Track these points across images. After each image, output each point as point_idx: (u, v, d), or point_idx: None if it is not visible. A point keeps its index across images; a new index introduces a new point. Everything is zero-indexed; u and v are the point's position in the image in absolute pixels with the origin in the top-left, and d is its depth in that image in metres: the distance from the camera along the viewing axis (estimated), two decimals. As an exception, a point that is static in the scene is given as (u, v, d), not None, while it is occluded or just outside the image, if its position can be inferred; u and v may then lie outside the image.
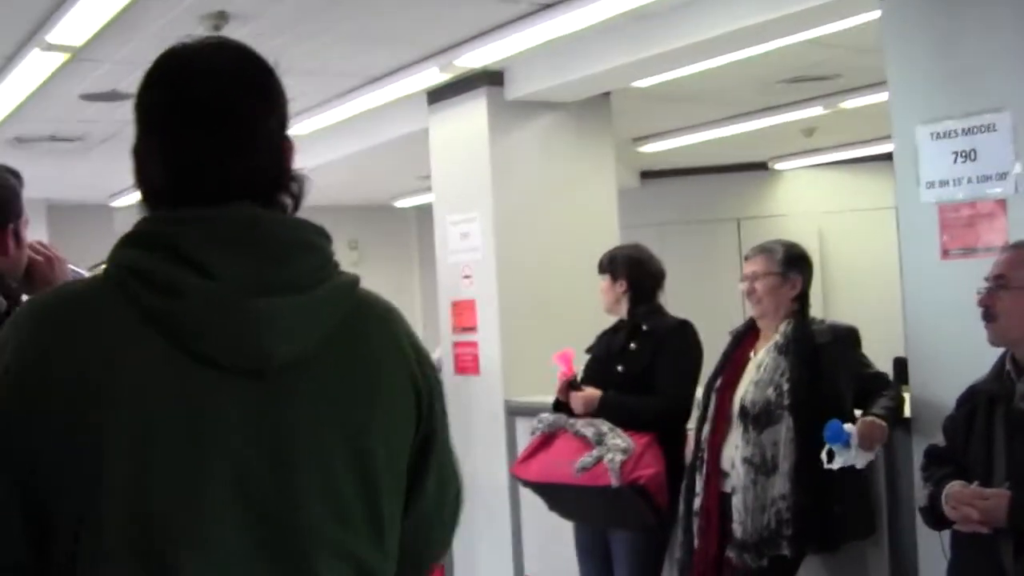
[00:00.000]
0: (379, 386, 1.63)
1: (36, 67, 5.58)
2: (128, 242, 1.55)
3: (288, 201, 1.64)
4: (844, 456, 3.98)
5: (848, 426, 3.97)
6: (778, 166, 11.22)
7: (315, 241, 1.60)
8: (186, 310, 1.47)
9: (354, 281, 1.64)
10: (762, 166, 11.23)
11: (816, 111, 8.15)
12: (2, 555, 1.47)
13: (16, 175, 2.64)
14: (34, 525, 1.46)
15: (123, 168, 6.39)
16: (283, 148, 1.65)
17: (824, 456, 3.98)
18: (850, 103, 7.75)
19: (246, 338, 1.49)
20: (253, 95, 1.62)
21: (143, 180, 1.62)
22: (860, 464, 4.02)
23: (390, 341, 1.68)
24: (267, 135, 1.62)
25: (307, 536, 1.51)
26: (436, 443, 1.73)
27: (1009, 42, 3.98)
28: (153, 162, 1.60)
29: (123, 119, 7.15)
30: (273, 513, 1.49)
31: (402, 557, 1.68)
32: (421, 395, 1.68)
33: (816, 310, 4.54)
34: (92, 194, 10.96)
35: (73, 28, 4.93)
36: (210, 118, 1.57)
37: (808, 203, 11.38)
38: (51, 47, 5.17)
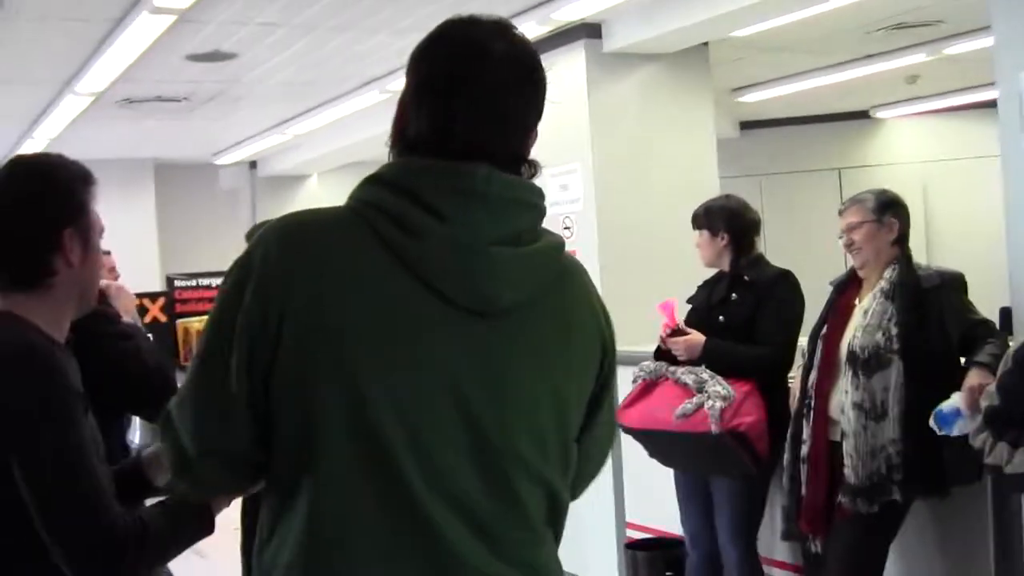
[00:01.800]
0: (575, 334, 1.81)
1: (144, 30, 5.72)
2: (374, 181, 1.72)
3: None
4: (960, 426, 3.94)
5: (952, 401, 3.92)
6: (880, 114, 11.09)
7: (535, 202, 1.77)
8: (426, 249, 1.65)
9: (561, 242, 1.81)
10: (863, 114, 11.11)
11: (919, 58, 8.05)
12: (223, 439, 1.69)
13: (83, 176, 2.30)
14: (261, 421, 1.67)
15: (226, 126, 6.60)
16: (529, 134, 1.81)
17: (934, 426, 3.95)
18: (954, 49, 7.66)
19: (477, 282, 1.66)
20: (524, 83, 1.78)
21: (401, 128, 1.77)
22: (973, 428, 3.99)
23: (584, 296, 1.87)
24: (521, 117, 1.78)
25: (513, 458, 1.70)
26: (607, 392, 1.92)
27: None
28: (418, 116, 1.74)
29: (226, 78, 7.32)
30: (486, 434, 1.68)
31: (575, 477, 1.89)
32: (606, 343, 1.88)
33: (921, 259, 4.52)
34: (197, 152, 11.18)
35: (179, -11, 5.04)
36: (480, 94, 1.72)
37: (911, 152, 11.25)
38: (158, 10, 5.30)
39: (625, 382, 5.19)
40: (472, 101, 1.72)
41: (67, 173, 2.29)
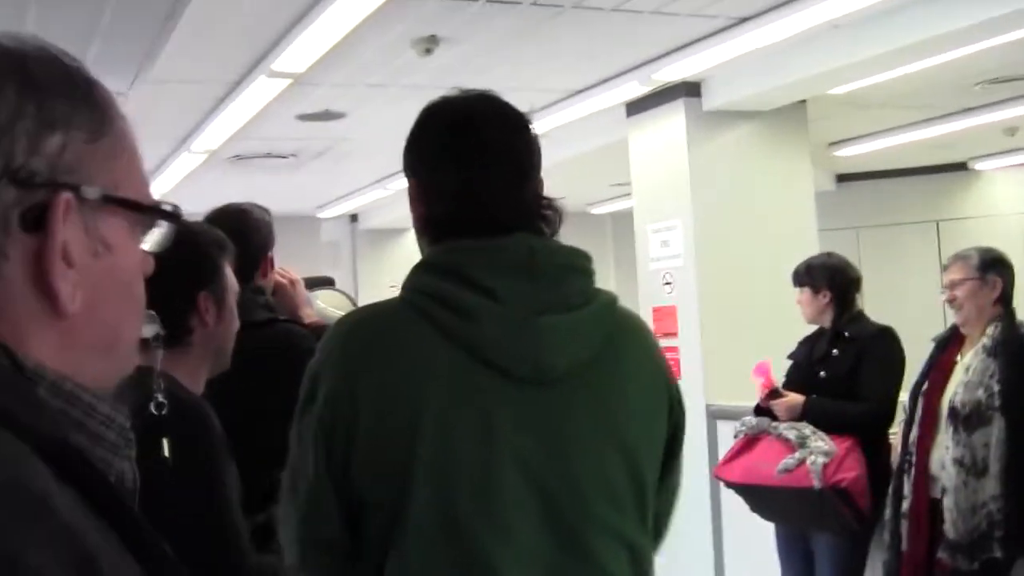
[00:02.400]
0: (639, 389, 1.88)
1: (260, 92, 5.93)
2: (423, 269, 1.83)
3: (547, 228, 1.89)
4: None
5: None
6: (978, 166, 11.00)
7: (582, 265, 1.87)
8: (480, 329, 1.74)
9: (614, 299, 1.89)
10: (961, 166, 11.02)
11: (1018, 111, 8.01)
12: (319, 528, 1.79)
13: (219, 241, 2.56)
14: (348, 509, 1.76)
15: (330, 182, 6.86)
16: (538, 185, 1.91)
17: None
18: (1053, 102, 7.62)
19: (531, 352, 1.74)
20: (521, 136, 1.88)
21: (423, 215, 1.88)
22: None
23: (644, 351, 1.95)
24: (532, 171, 1.89)
25: (587, 520, 1.76)
26: (681, 434, 1.99)
27: None
28: (437, 198, 1.86)
29: (334, 136, 7.55)
30: (556, 499, 1.74)
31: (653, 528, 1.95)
32: (672, 395, 1.95)
33: (1021, 312, 4.55)
34: (301, 205, 11.42)
35: (296, 56, 5.23)
36: (492, 157, 1.84)
37: (1011, 204, 11.14)
38: (275, 74, 5.51)
39: (726, 437, 5.27)
40: (488, 165, 1.83)
41: (205, 239, 2.49)
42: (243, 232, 3.22)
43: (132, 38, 5.15)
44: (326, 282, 4.33)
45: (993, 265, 4.47)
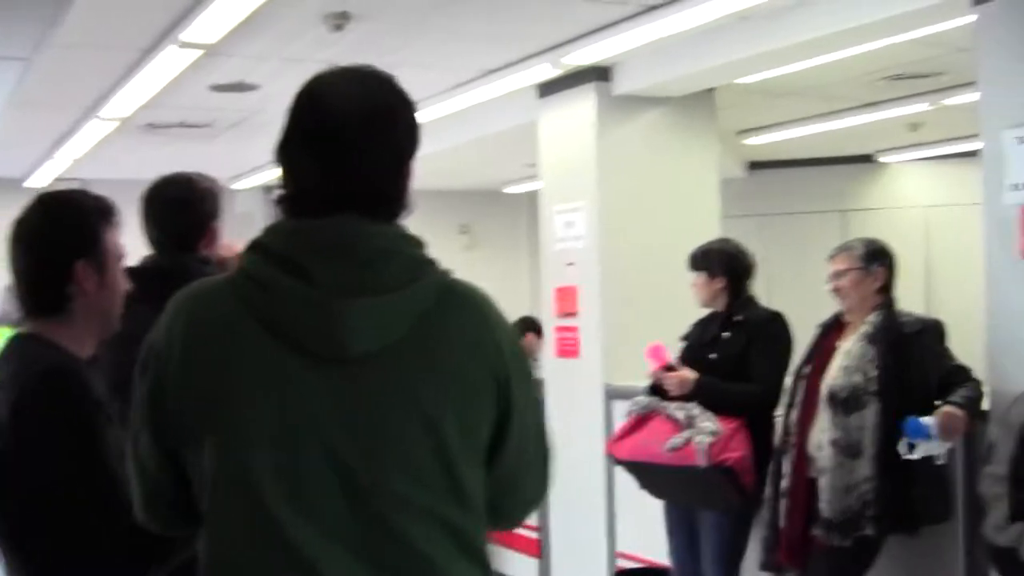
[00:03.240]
0: (454, 368, 1.87)
1: (171, 61, 5.92)
2: (249, 247, 1.88)
3: (390, 212, 1.91)
4: (925, 447, 4.17)
5: (927, 419, 4.16)
6: (884, 159, 11.25)
7: (405, 248, 1.88)
8: (287, 309, 1.80)
9: (442, 280, 1.90)
10: (868, 159, 11.26)
11: (921, 107, 8.21)
12: (155, 488, 1.92)
13: (100, 209, 2.57)
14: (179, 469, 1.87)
15: (244, 153, 6.85)
16: (398, 172, 1.93)
17: (903, 448, 4.18)
18: (953, 100, 7.79)
19: (335, 333, 1.79)
20: (374, 124, 1.89)
21: (279, 185, 1.94)
22: (940, 452, 4.22)
23: (468, 330, 1.91)
24: (377, 160, 1.89)
25: (390, 498, 1.80)
26: (514, 417, 1.94)
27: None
28: (288, 172, 1.92)
29: (249, 108, 7.53)
30: (358, 478, 1.79)
31: (492, 512, 1.97)
32: (499, 376, 1.91)
33: (920, 302, 4.74)
34: (216, 176, 11.33)
35: (207, 27, 5.24)
36: (325, 143, 1.87)
37: (914, 196, 11.39)
38: (185, 44, 5.51)
39: (620, 415, 5.39)
40: (325, 151, 1.86)
41: (81, 208, 2.54)
42: (188, 200, 3.31)
43: (35, 1, 5.13)
44: None
45: (876, 256, 4.62)
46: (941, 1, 4.81)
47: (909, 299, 4.79)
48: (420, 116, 1.97)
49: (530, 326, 8.25)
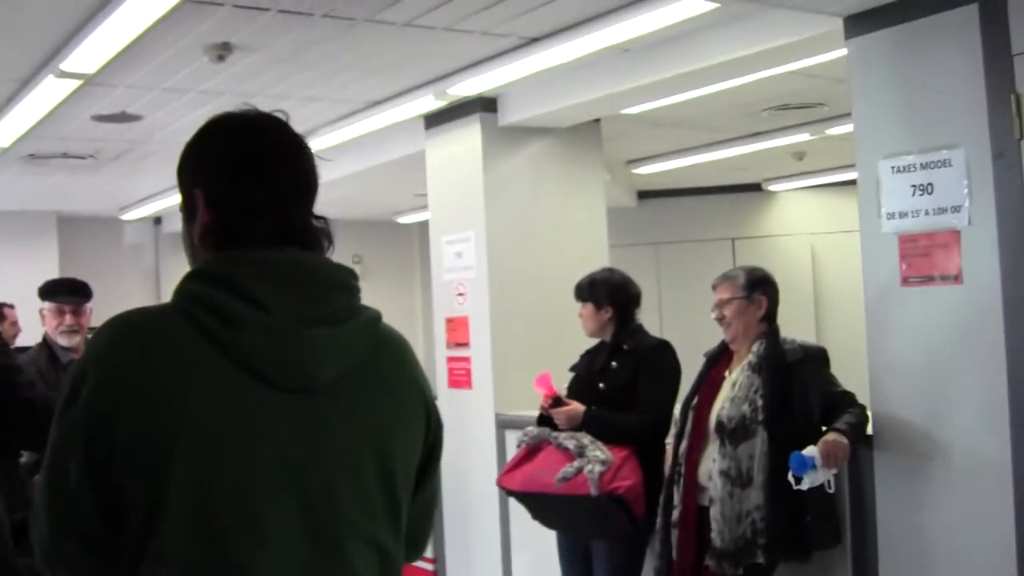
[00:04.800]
0: (397, 401, 1.96)
1: (50, 92, 5.81)
2: (195, 277, 1.86)
3: (318, 246, 1.95)
4: (812, 477, 4.21)
5: (810, 450, 4.20)
6: (771, 187, 11.44)
7: (347, 281, 1.93)
8: (247, 338, 1.79)
9: (378, 315, 1.96)
10: (756, 187, 11.45)
11: (803, 137, 8.37)
12: (76, 524, 1.80)
13: None
14: (108, 504, 1.78)
15: (131, 184, 6.70)
16: (312, 204, 1.97)
17: (791, 479, 4.22)
18: (835, 130, 7.95)
19: (295, 362, 1.81)
20: (303, 158, 1.96)
21: (205, 222, 1.91)
22: (825, 480, 4.26)
23: (404, 367, 2.01)
24: (310, 191, 1.96)
25: (342, 525, 1.84)
26: (439, 448, 2.07)
27: (964, 84, 4.21)
28: (222, 208, 1.90)
29: (132, 138, 7.43)
30: (315, 505, 1.81)
31: (410, 541, 2.02)
32: (429, 409, 2.03)
33: (808, 326, 4.80)
34: (102, 207, 11.20)
35: (86, 57, 5.15)
36: (277, 173, 1.91)
37: (801, 223, 11.61)
38: (64, 74, 5.41)
39: (511, 446, 5.38)
40: (272, 178, 1.90)
41: None
42: None
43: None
44: None
45: (759, 284, 4.67)
46: (815, 35, 4.90)
47: (799, 325, 4.85)
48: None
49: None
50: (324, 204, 2.01)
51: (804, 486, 4.20)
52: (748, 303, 4.62)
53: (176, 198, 2.01)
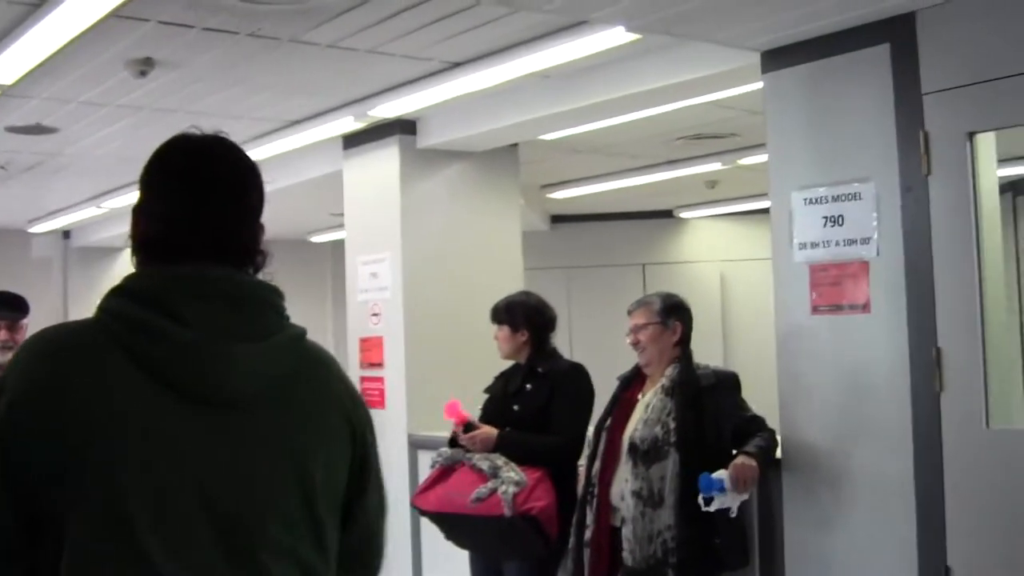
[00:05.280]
0: (318, 418, 1.95)
1: (-36, 103, 5.76)
2: (117, 292, 1.87)
3: (253, 266, 1.97)
4: (720, 499, 4.30)
5: (719, 473, 4.29)
6: (683, 214, 11.61)
7: (271, 299, 1.94)
8: (165, 352, 1.79)
9: (303, 332, 1.98)
10: (668, 214, 11.62)
11: (716, 166, 8.51)
12: None
13: None
14: (25, 516, 1.75)
15: (42, 196, 6.62)
16: (257, 228, 2.00)
17: (701, 501, 4.30)
18: (747, 160, 8.09)
19: (215, 377, 1.81)
20: (248, 180, 1.98)
21: (138, 235, 1.94)
22: (734, 504, 4.35)
23: (328, 383, 2.01)
24: (250, 213, 1.97)
25: (262, 541, 1.83)
26: (371, 465, 2.05)
27: (875, 120, 4.36)
28: (157, 221, 1.92)
29: (46, 151, 7.35)
30: (233, 520, 1.80)
31: (355, 562, 2.04)
32: (354, 426, 2.01)
33: (716, 352, 4.88)
34: (12, 218, 11.05)
35: (3, 68, 5.11)
36: (218, 191, 1.92)
37: (711, 251, 11.79)
38: (-19, 85, 5.37)
39: (427, 466, 5.41)
40: (208, 198, 1.91)
41: None
42: None
43: None
44: None
45: (674, 310, 4.75)
46: (733, 68, 5.03)
47: (707, 350, 4.94)
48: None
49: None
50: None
51: (712, 507, 4.29)
52: (663, 328, 4.70)
53: (86, 212, 2.02)
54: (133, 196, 6.54)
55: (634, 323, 4.75)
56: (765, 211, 4.82)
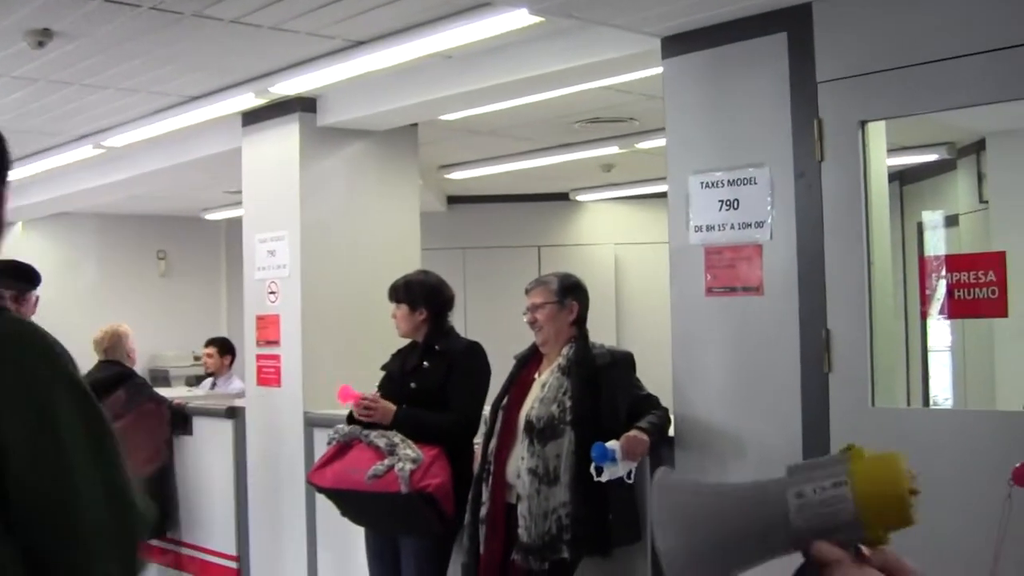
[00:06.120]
0: None
1: None
2: None
3: None
4: (611, 470, 4.40)
5: (611, 443, 4.39)
6: (579, 197, 11.70)
7: None
8: None
9: None
10: (564, 196, 11.70)
11: (613, 150, 8.61)
12: None
13: None
14: None
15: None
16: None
17: (592, 471, 4.39)
18: (644, 144, 8.20)
19: None
20: None
21: None
22: (624, 473, 4.44)
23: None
24: None
25: None
26: (12, 453, 1.64)
27: (771, 107, 4.47)
28: None
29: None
30: None
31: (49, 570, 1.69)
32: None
33: (609, 332, 4.97)
34: None
35: None
36: None
37: (605, 233, 11.91)
38: None
39: (323, 444, 5.42)
40: None
41: None
42: None
43: None
44: None
45: (571, 290, 4.82)
46: (633, 53, 5.10)
47: (601, 330, 5.02)
48: (119, 140, 1.94)
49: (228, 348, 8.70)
50: (129, 199, 1.96)
51: (604, 478, 4.38)
52: (560, 308, 4.77)
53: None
54: (27, 170, 6.48)
55: (531, 302, 4.81)
56: (660, 195, 4.90)
